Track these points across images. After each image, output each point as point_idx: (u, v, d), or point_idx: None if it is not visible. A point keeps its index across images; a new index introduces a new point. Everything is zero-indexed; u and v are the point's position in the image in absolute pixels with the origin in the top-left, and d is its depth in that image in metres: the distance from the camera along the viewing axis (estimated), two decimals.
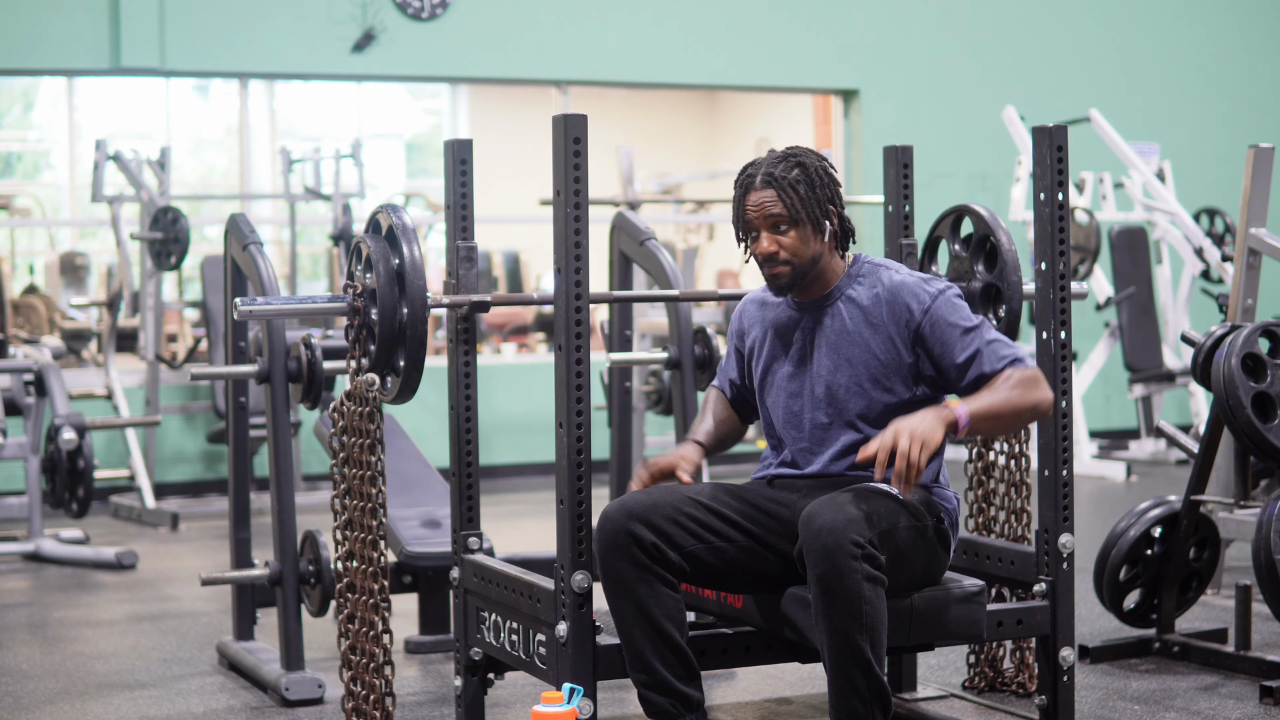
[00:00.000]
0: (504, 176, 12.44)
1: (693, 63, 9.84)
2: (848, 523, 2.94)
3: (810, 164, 3.22)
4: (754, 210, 3.21)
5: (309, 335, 4.15)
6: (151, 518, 7.57)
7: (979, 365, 3.15)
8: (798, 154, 3.23)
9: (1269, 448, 4.18)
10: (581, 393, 3.12)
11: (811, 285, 3.28)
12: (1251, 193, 4.97)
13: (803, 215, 3.19)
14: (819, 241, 3.23)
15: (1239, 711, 3.87)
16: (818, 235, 3.22)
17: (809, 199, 3.20)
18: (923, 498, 3.19)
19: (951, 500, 3.27)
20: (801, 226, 3.20)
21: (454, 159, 3.57)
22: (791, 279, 3.23)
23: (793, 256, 3.21)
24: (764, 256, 3.22)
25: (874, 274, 3.27)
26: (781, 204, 3.19)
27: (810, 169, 3.21)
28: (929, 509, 3.18)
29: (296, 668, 4.12)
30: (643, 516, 3.09)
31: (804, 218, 3.20)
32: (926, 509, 3.17)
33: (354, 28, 8.94)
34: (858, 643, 2.94)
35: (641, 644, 3.08)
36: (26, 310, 10.75)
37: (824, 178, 3.23)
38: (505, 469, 9.14)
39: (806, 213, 3.19)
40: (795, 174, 3.20)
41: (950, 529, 3.23)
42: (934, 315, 3.18)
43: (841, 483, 3.23)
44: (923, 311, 3.19)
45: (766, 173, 3.20)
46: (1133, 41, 10.79)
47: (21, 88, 14.51)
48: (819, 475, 3.26)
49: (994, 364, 3.14)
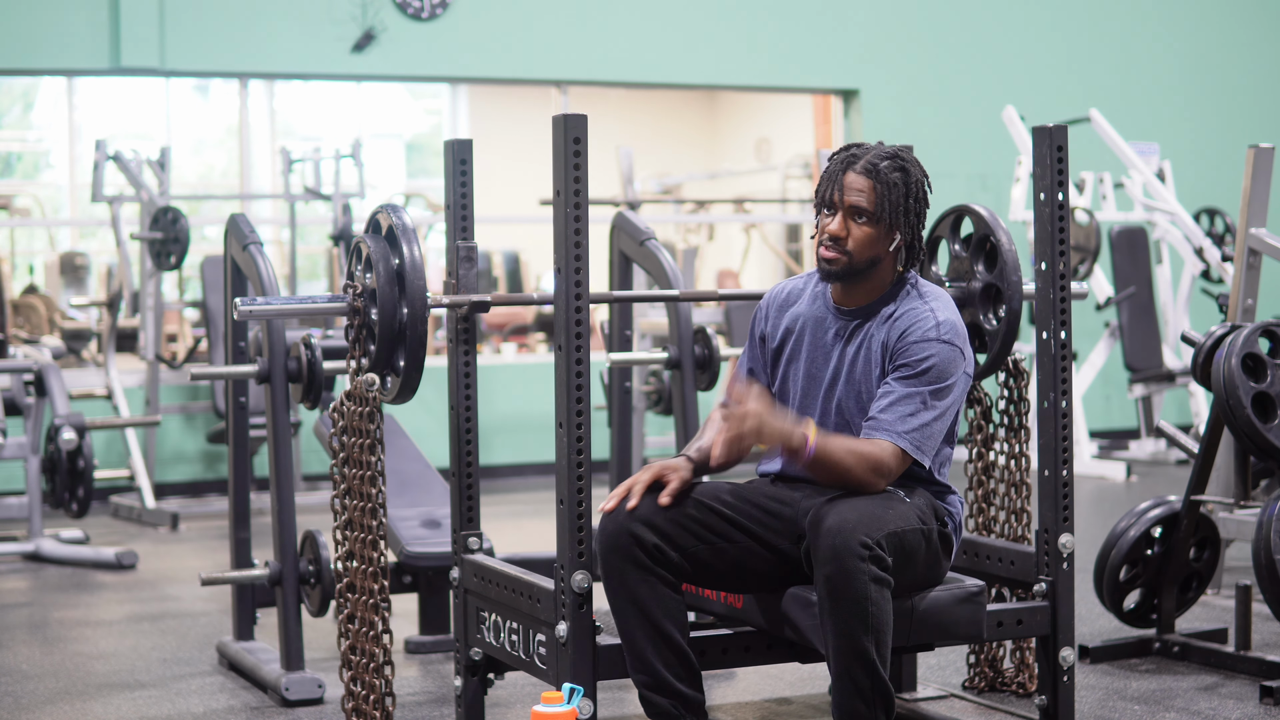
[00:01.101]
0: (504, 176, 12.44)
1: (693, 63, 9.84)
2: (856, 524, 2.94)
3: (913, 174, 3.21)
4: (843, 190, 3.19)
5: (309, 335, 4.15)
6: (151, 518, 7.57)
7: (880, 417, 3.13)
8: (906, 159, 3.21)
9: (1269, 448, 4.18)
10: (581, 393, 3.12)
11: (856, 288, 3.25)
12: (1251, 193, 4.97)
13: (884, 216, 3.18)
14: (885, 247, 3.21)
15: (1239, 711, 3.87)
16: (887, 240, 3.21)
17: (898, 204, 3.18)
18: (929, 502, 3.19)
19: (957, 506, 3.27)
20: (878, 226, 3.19)
21: (454, 159, 3.57)
22: (843, 270, 3.21)
23: (855, 249, 3.19)
24: (830, 237, 3.19)
25: (914, 302, 3.23)
26: (871, 196, 3.17)
27: (912, 178, 3.21)
28: (935, 514, 3.18)
29: (296, 668, 4.12)
30: (644, 517, 3.09)
31: (884, 218, 3.18)
32: (932, 513, 3.17)
33: (354, 28, 8.94)
34: (863, 644, 2.94)
35: (643, 645, 3.08)
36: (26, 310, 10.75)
37: (919, 191, 3.22)
38: (505, 469, 9.14)
39: (889, 215, 3.18)
40: (896, 176, 3.19)
41: (954, 533, 3.24)
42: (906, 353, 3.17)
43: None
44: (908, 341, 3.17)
45: (870, 162, 3.19)
46: (1133, 41, 10.79)
47: (21, 88, 14.51)
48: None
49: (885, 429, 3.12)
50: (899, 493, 3.13)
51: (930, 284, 3.29)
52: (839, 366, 3.25)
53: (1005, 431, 3.96)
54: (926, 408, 3.14)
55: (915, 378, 3.15)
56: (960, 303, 3.79)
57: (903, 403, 3.13)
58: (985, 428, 4.00)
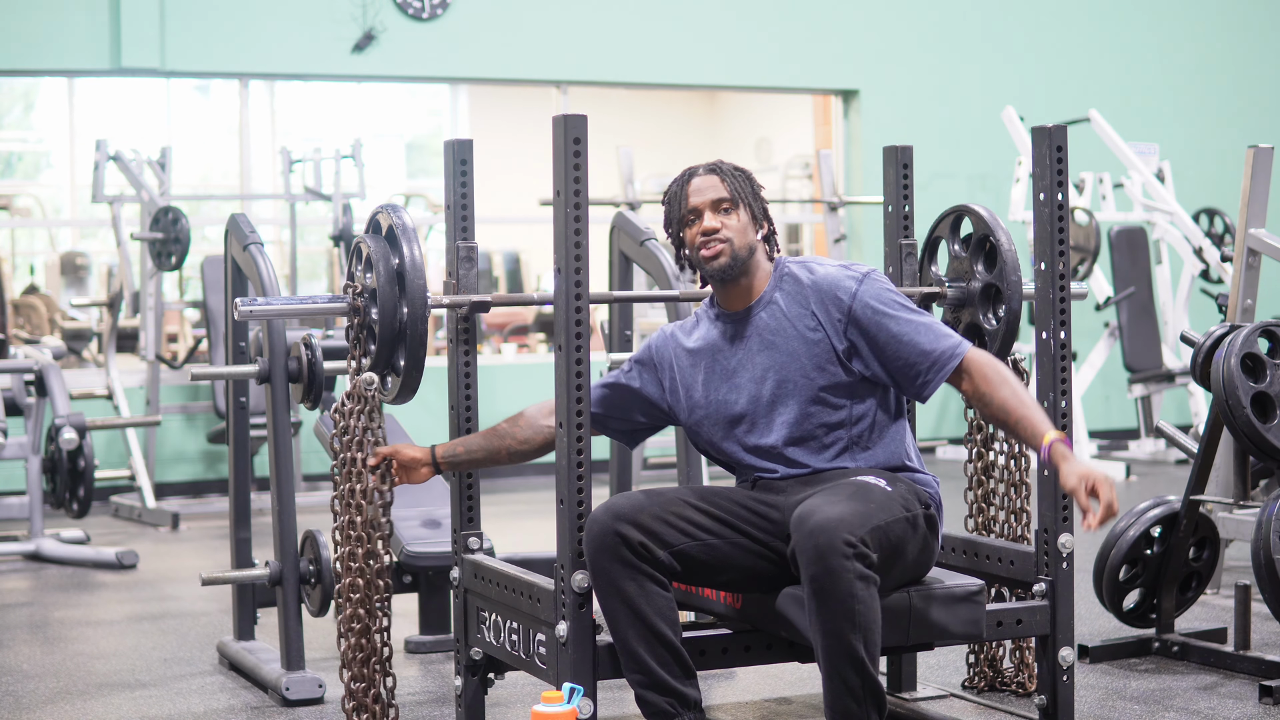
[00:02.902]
0: (504, 176, 12.44)
1: (693, 63, 9.84)
2: (840, 522, 2.95)
3: (748, 171, 3.37)
4: (696, 195, 3.30)
5: (309, 335, 4.15)
6: (152, 518, 7.58)
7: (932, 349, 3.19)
8: (733, 162, 3.38)
9: (1268, 448, 4.19)
10: (581, 393, 3.12)
11: (739, 287, 3.31)
12: (1251, 193, 4.97)
13: (744, 199, 3.29)
14: (755, 233, 3.30)
15: (1238, 711, 3.87)
16: (755, 226, 3.30)
17: (748, 191, 3.31)
18: (909, 486, 3.20)
19: (931, 483, 3.30)
20: (743, 210, 3.29)
21: (454, 159, 3.58)
22: (731, 261, 3.27)
23: (734, 235, 3.27)
24: (706, 233, 3.27)
25: (796, 273, 3.32)
26: (725, 187, 3.29)
27: (748, 172, 3.37)
28: (917, 498, 3.19)
29: (297, 668, 4.13)
30: (629, 517, 3.09)
31: (744, 202, 3.29)
32: (915, 498, 3.18)
33: (354, 28, 8.95)
34: (851, 643, 2.94)
35: (635, 644, 3.08)
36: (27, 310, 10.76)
37: (758, 184, 3.36)
38: (505, 469, 9.14)
39: (748, 201, 3.30)
40: (736, 170, 3.34)
41: (937, 512, 3.25)
42: (862, 299, 3.23)
43: (823, 477, 3.24)
44: (851, 296, 3.24)
45: (709, 165, 3.34)
46: (1133, 41, 10.79)
47: (22, 88, 14.51)
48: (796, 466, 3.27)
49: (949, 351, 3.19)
50: (880, 483, 3.13)
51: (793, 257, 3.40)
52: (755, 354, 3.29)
53: None
54: (925, 317, 3.24)
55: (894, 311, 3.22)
56: (960, 303, 3.80)
57: (921, 330, 3.21)
58: (985, 428, 4.00)
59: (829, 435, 3.26)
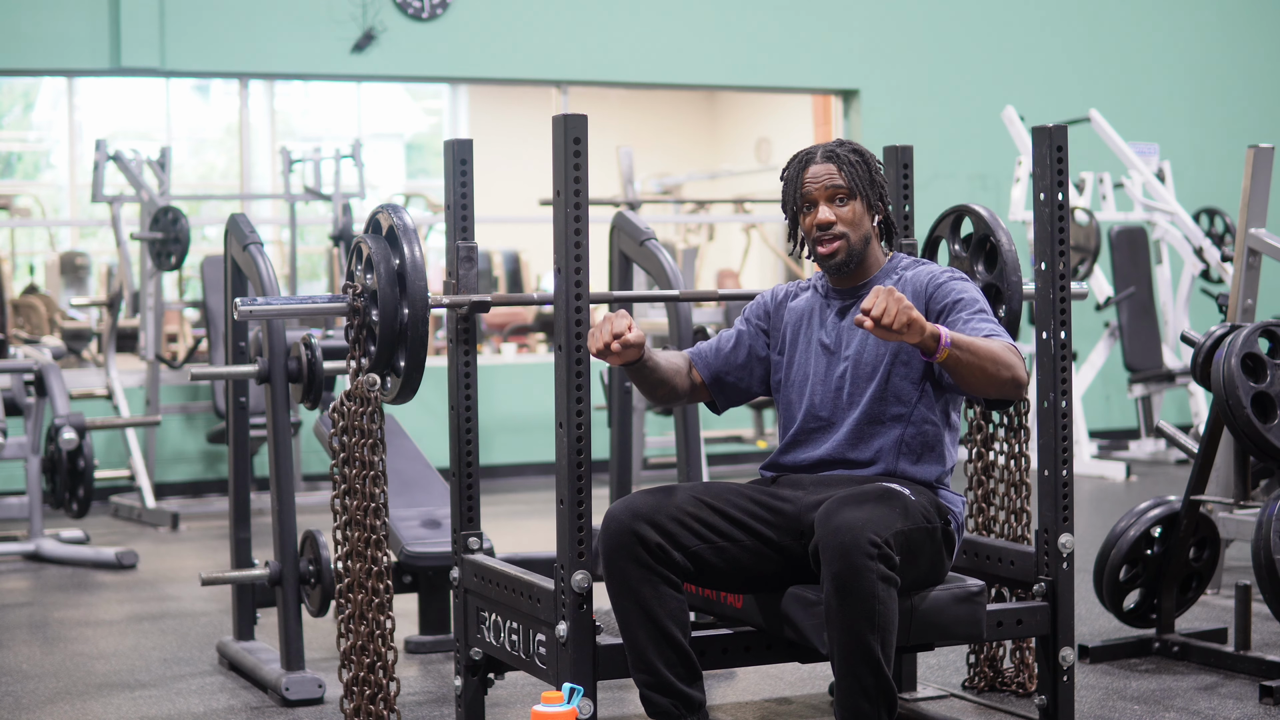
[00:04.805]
0: (504, 176, 12.44)
1: (693, 63, 9.84)
2: (866, 522, 2.95)
3: (867, 153, 3.32)
4: (812, 182, 3.27)
5: (309, 335, 4.15)
6: (151, 518, 7.57)
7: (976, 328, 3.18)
8: (853, 143, 3.32)
9: (1269, 448, 4.18)
10: (581, 393, 3.12)
11: (853, 273, 3.33)
12: (1251, 193, 4.97)
13: (860, 190, 3.26)
14: (870, 223, 3.30)
15: (1239, 711, 3.87)
16: (870, 216, 3.29)
17: (865, 179, 3.28)
18: (932, 500, 3.20)
19: (958, 504, 3.29)
20: (858, 201, 3.26)
21: (454, 159, 3.57)
22: (846, 255, 3.28)
23: (849, 229, 3.26)
24: (821, 226, 3.26)
25: (908, 269, 3.33)
26: (842, 176, 3.25)
27: (867, 156, 3.31)
28: (938, 511, 3.19)
29: (296, 668, 4.13)
30: (648, 517, 3.09)
31: (861, 193, 3.26)
32: (936, 511, 3.18)
33: (354, 28, 8.95)
34: (869, 642, 2.94)
35: (645, 644, 3.08)
36: (27, 310, 10.75)
37: (877, 167, 3.32)
38: (505, 469, 9.14)
39: (863, 190, 3.27)
40: (854, 156, 3.29)
41: (956, 532, 3.25)
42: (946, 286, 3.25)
43: (844, 481, 3.24)
44: (936, 284, 3.26)
45: (827, 150, 3.29)
46: (1133, 41, 10.79)
47: (21, 88, 14.51)
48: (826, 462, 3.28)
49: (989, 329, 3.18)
50: (905, 491, 3.13)
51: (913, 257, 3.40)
52: (838, 338, 3.31)
53: (1005, 431, 3.96)
54: (996, 325, 3.20)
55: (963, 306, 3.21)
56: None
57: (978, 319, 3.18)
58: (985, 428, 4.00)
59: (888, 429, 3.27)
